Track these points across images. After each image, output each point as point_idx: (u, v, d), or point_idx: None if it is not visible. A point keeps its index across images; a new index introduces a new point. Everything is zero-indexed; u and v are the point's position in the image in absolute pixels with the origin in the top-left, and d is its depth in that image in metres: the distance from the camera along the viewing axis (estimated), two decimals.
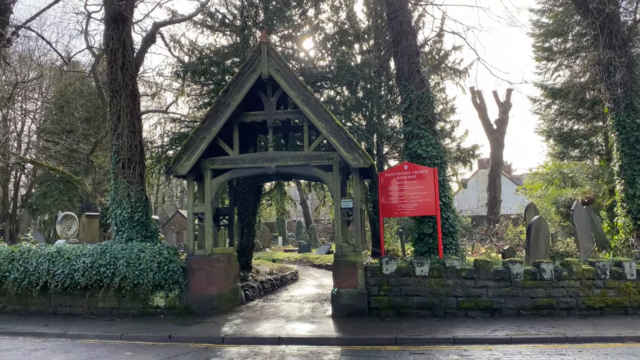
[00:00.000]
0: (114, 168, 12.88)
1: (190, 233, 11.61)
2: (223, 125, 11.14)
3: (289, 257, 26.35)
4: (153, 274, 11.00)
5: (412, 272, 10.69)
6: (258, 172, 11.35)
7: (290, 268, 19.55)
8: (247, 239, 15.84)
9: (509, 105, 35.61)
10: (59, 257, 11.52)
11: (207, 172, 11.45)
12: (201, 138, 11.14)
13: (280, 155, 11.29)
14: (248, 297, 13.34)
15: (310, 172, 11.14)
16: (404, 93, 12.54)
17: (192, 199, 11.61)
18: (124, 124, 12.77)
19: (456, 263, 10.71)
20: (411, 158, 12.29)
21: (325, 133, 10.75)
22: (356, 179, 10.97)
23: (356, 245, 10.88)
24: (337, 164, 10.98)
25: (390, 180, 12.07)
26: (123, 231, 12.46)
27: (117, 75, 12.91)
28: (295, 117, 11.45)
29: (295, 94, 10.88)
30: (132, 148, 12.74)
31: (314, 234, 35.76)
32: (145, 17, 15.43)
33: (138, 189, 12.64)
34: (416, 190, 11.80)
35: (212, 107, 11.20)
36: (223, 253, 12.08)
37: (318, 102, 10.84)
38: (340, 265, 10.75)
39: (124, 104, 12.81)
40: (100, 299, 11.39)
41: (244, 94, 11.03)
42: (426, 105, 12.34)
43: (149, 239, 12.50)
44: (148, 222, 12.71)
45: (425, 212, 11.78)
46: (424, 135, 12.21)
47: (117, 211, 12.56)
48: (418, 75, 12.36)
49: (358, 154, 10.62)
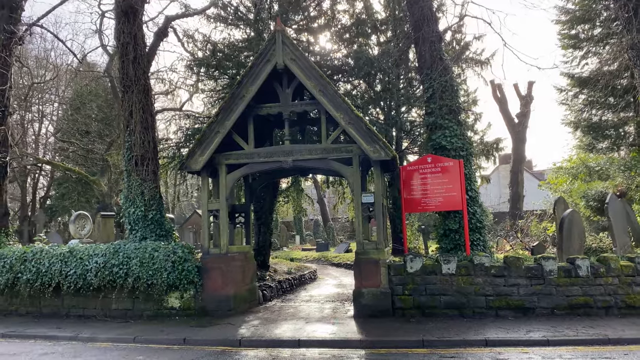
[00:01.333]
0: (126, 165, 12.53)
1: (205, 231, 11.19)
2: (237, 119, 10.69)
3: (307, 256, 25.88)
4: (167, 273, 10.60)
5: (438, 270, 10.11)
6: (274, 166, 10.87)
7: (309, 267, 19.06)
8: (264, 237, 15.39)
9: (530, 98, 34.65)
10: (72, 258, 11.20)
11: (221, 168, 11.01)
12: (215, 132, 10.71)
13: (297, 148, 10.80)
14: (266, 297, 12.88)
15: (329, 166, 10.63)
16: (426, 82, 11.94)
17: (207, 195, 11.18)
18: (136, 120, 12.40)
19: (485, 260, 10.11)
20: (435, 150, 11.69)
21: (344, 124, 10.22)
22: (377, 172, 10.42)
23: (378, 242, 10.34)
24: (356, 157, 10.45)
25: (413, 173, 11.49)
26: (137, 230, 12.10)
27: (128, 70, 12.56)
28: (312, 109, 10.95)
29: (312, 84, 10.38)
30: (145, 145, 12.37)
31: (332, 233, 35.24)
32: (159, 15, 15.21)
33: (152, 187, 12.26)
34: (441, 184, 11.21)
35: (226, 100, 10.75)
36: (239, 251, 11.64)
37: (336, 92, 10.32)
38: (362, 263, 10.22)
39: (136, 100, 12.45)
40: (114, 300, 11.03)
41: (258, 85, 10.57)
42: (450, 94, 11.74)
43: (163, 237, 12.13)
44: (162, 220, 12.33)
45: (450, 206, 11.18)
46: (448, 125, 11.61)
47: (131, 209, 12.21)
48: (441, 63, 11.76)
49: (379, 146, 10.07)
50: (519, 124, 34.10)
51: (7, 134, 14.74)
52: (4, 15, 14.95)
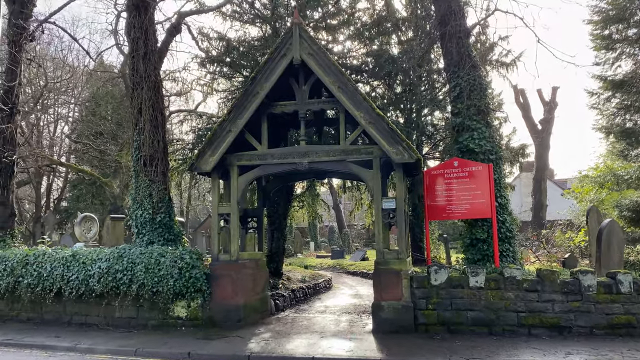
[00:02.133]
0: (135, 166, 11.94)
1: (215, 236, 10.52)
2: (250, 117, 10.03)
3: (322, 264, 25.11)
4: (174, 281, 9.95)
5: (465, 283, 9.30)
6: (289, 168, 10.18)
7: (323, 275, 18.31)
8: (277, 243, 14.69)
9: (554, 104, 33.64)
10: (74, 262, 10.62)
11: (233, 169, 10.35)
12: (227, 131, 10.06)
13: (314, 149, 10.09)
14: (278, 307, 12.16)
15: (347, 168, 9.90)
16: (453, 80, 11.17)
17: (217, 198, 10.53)
18: (145, 118, 11.82)
19: (516, 273, 9.27)
20: (462, 153, 10.90)
21: (364, 123, 9.50)
22: (399, 176, 9.66)
23: (400, 251, 9.56)
24: (377, 159, 9.70)
25: (437, 178, 10.70)
26: (144, 234, 11.49)
27: (138, 66, 11.99)
28: (330, 107, 10.25)
29: (331, 80, 9.68)
30: (154, 144, 11.77)
31: (348, 240, 34.42)
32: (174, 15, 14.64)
33: (160, 188, 11.65)
34: (468, 190, 10.41)
35: (239, 97, 10.11)
36: (251, 258, 10.95)
37: (356, 88, 9.61)
38: (382, 274, 9.45)
39: (145, 97, 11.87)
40: (117, 308, 10.40)
41: (273, 81, 9.90)
42: (478, 93, 10.95)
43: (171, 242, 11.50)
44: (171, 224, 11.70)
45: (478, 214, 10.36)
46: (476, 127, 10.81)
47: (138, 212, 11.60)
48: (469, 60, 10.98)
49: (402, 147, 9.32)
50: (542, 130, 33.09)
51: (14, 132, 14.29)
52: (15, 10, 14.55)
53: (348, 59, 15.21)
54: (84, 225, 13.86)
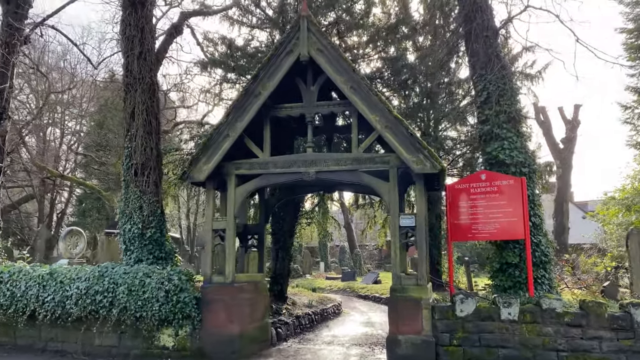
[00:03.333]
0: (124, 175, 10.82)
1: (208, 255, 9.30)
2: (251, 120, 8.90)
3: (331, 286, 23.69)
4: (159, 305, 8.72)
5: (496, 315, 7.96)
6: (293, 178, 8.97)
7: (332, 299, 16.92)
8: (282, 264, 13.41)
9: (577, 122, 32.19)
10: (51, 281, 9.45)
11: (230, 179, 9.17)
12: (224, 136, 8.92)
13: (322, 157, 8.89)
14: (280, 336, 10.84)
15: (360, 179, 8.66)
16: (480, 83, 9.96)
17: (212, 211, 9.34)
18: (138, 123, 10.73)
19: (556, 304, 7.91)
20: (490, 165, 9.63)
21: (380, 128, 8.29)
22: (420, 188, 8.40)
23: (420, 276, 8.25)
24: (394, 169, 8.46)
25: (462, 194, 9.41)
26: (132, 250, 10.31)
27: (132, 67, 10.95)
28: (341, 110, 9.07)
29: (343, 79, 8.52)
30: (146, 151, 10.66)
31: (359, 261, 32.95)
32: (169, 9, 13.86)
33: (152, 200, 10.50)
34: (497, 207, 9.09)
35: (238, 98, 8.98)
36: (249, 281, 9.69)
37: (371, 88, 8.43)
38: (399, 302, 8.13)
39: (139, 100, 10.80)
40: (97, 335, 9.18)
41: (277, 80, 8.78)
42: (509, 98, 9.72)
43: (162, 260, 10.30)
44: (162, 240, 10.52)
45: (509, 235, 9.03)
46: (506, 136, 9.55)
47: (127, 226, 10.44)
48: (498, 62, 9.78)
49: (423, 156, 8.08)
50: (564, 149, 31.60)
51: (3, 139, 13.32)
52: (9, 11, 13.70)
53: (360, 66, 14.10)
54: (69, 240, 12.72)
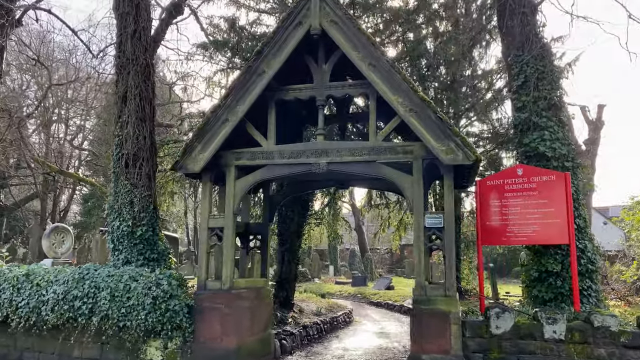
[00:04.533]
0: (114, 166, 9.73)
1: (203, 257, 8.16)
2: (253, 104, 7.75)
3: (341, 291, 22.46)
4: (146, 313, 7.59)
5: (538, 333, 6.74)
6: (301, 170, 7.79)
7: (342, 306, 15.72)
8: (288, 267, 12.24)
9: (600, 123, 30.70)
10: (26, 283, 8.37)
11: (229, 170, 8.03)
12: (222, 120, 7.78)
13: (334, 146, 7.70)
14: (285, 349, 9.66)
15: (378, 172, 7.47)
16: (516, 66, 8.75)
17: (208, 207, 8.20)
18: (130, 109, 9.64)
19: (610, 321, 6.67)
20: (527, 159, 8.42)
21: (403, 112, 7.10)
22: (449, 183, 7.19)
23: (448, 285, 7.03)
24: (418, 160, 7.26)
25: (494, 191, 8.19)
26: (120, 250, 9.22)
27: (125, 46, 9.87)
28: (357, 92, 7.85)
29: (360, 55, 7.35)
30: (139, 140, 9.57)
31: (370, 265, 31.65)
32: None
33: (144, 195, 9.40)
34: (536, 206, 7.86)
35: (239, 77, 7.84)
36: (250, 287, 8.54)
37: (393, 66, 7.24)
38: (424, 316, 6.91)
39: (132, 83, 9.71)
40: (76, 345, 8.09)
41: (284, 57, 7.63)
42: (549, 82, 8.53)
43: (153, 262, 9.20)
44: (154, 239, 9.41)
45: (551, 239, 7.80)
46: (547, 125, 8.34)
47: (115, 223, 9.36)
48: (537, 41, 8.57)
49: (455, 144, 6.88)
50: (587, 151, 30.14)
51: None
52: None
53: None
54: (54, 237, 11.65)
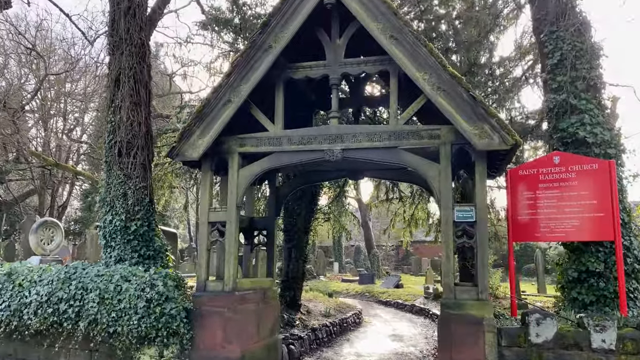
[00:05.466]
0: (106, 155, 8.90)
1: (203, 254, 7.33)
2: (259, 83, 6.90)
3: (348, 290, 21.66)
4: (138, 318, 6.77)
5: (584, 343, 5.90)
6: (313, 158, 6.93)
7: (351, 306, 14.93)
8: (295, 265, 11.43)
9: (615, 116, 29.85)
10: (8, 284, 7.56)
11: (232, 157, 7.19)
12: (224, 102, 6.93)
13: (350, 131, 6.85)
14: (293, 355, 8.86)
15: (399, 159, 6.61)
16: (550, 42, 7.87)
17: (208, 199, 7.36)
18: (123, 93, 8.80)
19: None
20: (564, 145, 7.57)
21: (429, 90, 6.24)
22: (481, 171, 6.33)
23: (481, 288, 6.20)
24: (446, 146, 6.41)
25: (526, 181, 7.34)
26: (112, 247, 8.40)
27: (118, 25, 9.03)
28: (376, 69, 6.96)
29: (380, 26, 6.49)
30: (133, 127, 8.73)
31: (377, 262, 30.82)
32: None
33: (138, 187, 8.57)
34: (576, 198, 7.00)
35: (243, 53, 6.98)
36: (255, 287, 7.72)
37: (418, 38, 6.37)
38: (454, 323, 6.07)
39: (125, 64, 8.87)
40: (62, 352, 7.28)
41: (294, 30, 6.77)
42: (588, 61, 7.65)
43: (149, 260, 8.38)
44: (150, 235, 8.58)
45: (593, 235, 6.94)
46: (586, 108, 7.47)
47: (107, 217, 8.54)
48: (573, 16, 7.69)
49: (490, 127, 6.02)
50: None
51: None
52: None
53: None
54: (42, 233, 10.83)
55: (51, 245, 10.86)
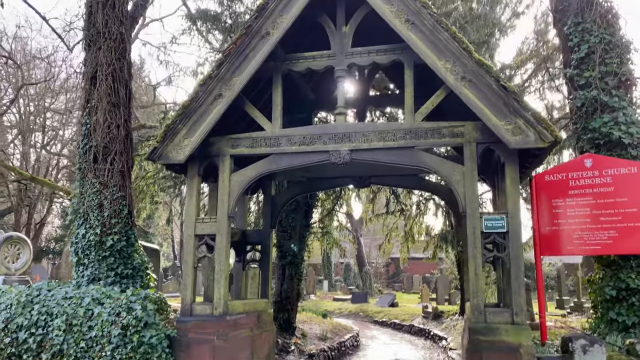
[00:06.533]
0: (80, 161, 7.93)
1: (188, 272, 6.36)
2: (254, 74, 6.03)
3: (341, 309, 20.63)
4: (112, 348, 5.76)
5: None
6: (316, 160, 6.05)
7: (347, 327, 13.94)
8: (289, 284, 10.45)
9: None
10: None
11: (224, 161, 6.28)
12: (215, 96, 6.04)
13: (359, 129, 6.00)
14: None
15: (417, 161, 5.76)
16: (576, 35, 7.16)
17: (195, 208, 6.42)
18: (100, 92, 7.87)
19: None
20: (595, 147, 6.81)
21: (452, 81, 5.43)
22: (513, 173, 5.50)
23: (516, 309, 5.31)
24: (472, 144, 5.58)
25: (554, 187, 6.53)
26: (85, 265, 7.40)
27: (96, 18, 8.13)
28: (388, 59, 6.09)
29: (394, 9, 5.68)
30: (111, 130, 7.79)
31: (369, 280, 29.80)
32: None
33: (116, 197, 7.60)
34: (612, 206, 6.21)
35: (236, 41, 6.11)
36: (248, 311, 6.75)
37: (439, 21, 5.57)
38: (485, 350, 5.17)
39: (103, 60, 7.96)
40: None
41: (295, 14, 5.94)
42: (618, 55, 6.94)
43: (127, 279, 7.40)
44: (129, 251, 7.60)
45: (633, 248, 6.14)
46: (620, 105, 6.75)
47: (80, 231, 7.56)
48: (599, 5, 7.00)
49: (524, 121, 5.21)
50: None
51: None
52: None
53: None
54: (7, 250, 9.70)
55: (17, 264, 9.73)
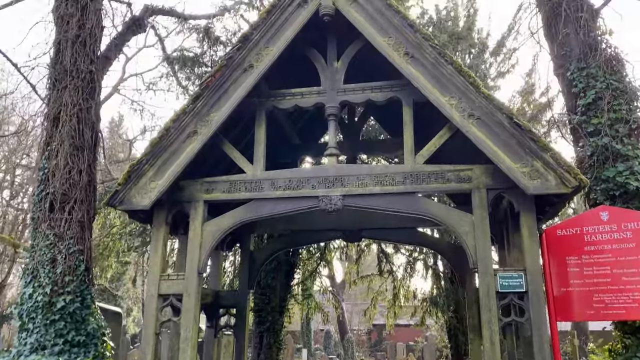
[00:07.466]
0: (34, 210, 7.02)
1: (149, 340, 5.33)
2: (234, 110, 5.35)
3: None
4: None
5: None
6: (304, 207, 5.26)
7: None
8: (267, 354, 9.33)
9: None
10: None
11: (196, 207, 5.45)
12: (188, 133, 5.32)
13: (353, 172, 5.28)
14: None
15: (419, 207, 5.03)
16: (580, 80, 6.75)
17: (160, 263, 5.49)
18: (63, 134, 7.09)
19: None
20: (610, 198, 6.18)
21: (459, 118, 4.83)
22: (531, 222, 4.80)
23: None
24: (481, 191, 4.89)
25: (567, 243, 5.83)
26: (30, 330, 6.35)
27: (64, 54, 7.49)
28: (385, 96, 5.47)
29: (390, 42, 5.15)
30: (72, 175, 6.95)
31: (351, 349, 28.17)
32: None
33: (72, 250, 6.65)
34: (636, 264, 5.52)
35: (215, 73, 5.46)
36: None
37: (442, 54, 5.02)
38: None
39: (68, 100, 7.25)
40: None
41: (280, 49, 5.37)
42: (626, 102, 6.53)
43: (79, 347, 6.36)
44: (84, 314, 6.56)
45: None
46: (633, 154, 6.20)
47: (27, 290, 6.54)
48: (604, 52, 6.66)
49: (542, 163, 4.58)
50: None
51: None
52: None
53: None
54: None
55: None
